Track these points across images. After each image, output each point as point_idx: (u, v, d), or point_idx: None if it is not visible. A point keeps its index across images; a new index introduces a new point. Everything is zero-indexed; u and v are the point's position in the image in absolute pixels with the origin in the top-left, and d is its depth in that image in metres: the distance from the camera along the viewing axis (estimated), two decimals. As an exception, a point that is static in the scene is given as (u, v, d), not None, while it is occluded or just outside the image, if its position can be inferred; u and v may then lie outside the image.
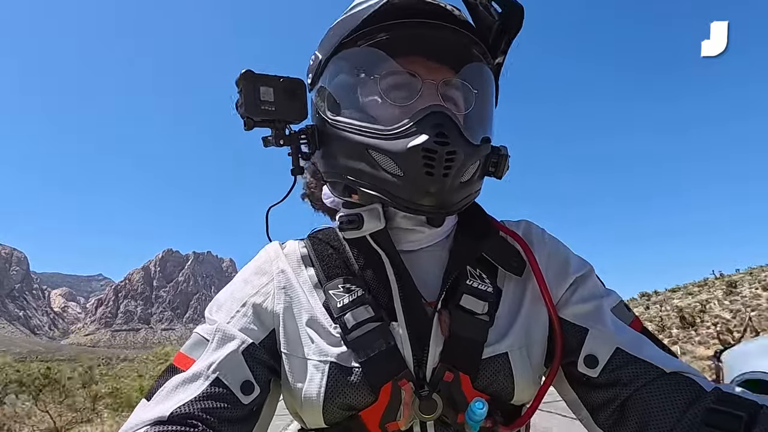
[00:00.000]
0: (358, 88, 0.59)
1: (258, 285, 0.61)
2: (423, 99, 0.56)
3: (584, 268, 0.64)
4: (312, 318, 0.58)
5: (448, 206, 0.56)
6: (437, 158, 0.51)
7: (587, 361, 0.57)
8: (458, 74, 0.58)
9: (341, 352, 0.55)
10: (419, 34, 0.57)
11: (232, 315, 0.59)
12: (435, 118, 0.53)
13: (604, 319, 0.58)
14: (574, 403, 0.60)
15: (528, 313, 0.60)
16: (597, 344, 0.57)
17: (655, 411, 0.52)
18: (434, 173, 0.52)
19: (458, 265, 0.59)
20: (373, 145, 0.54)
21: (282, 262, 0.63)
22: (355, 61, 0.59)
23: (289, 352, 0.57)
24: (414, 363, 0.54)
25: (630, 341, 0.56)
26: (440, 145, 0.51)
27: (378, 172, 0.55)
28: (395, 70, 0.57)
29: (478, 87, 0.60)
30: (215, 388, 0.53)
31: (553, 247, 0.65)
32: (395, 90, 0.57)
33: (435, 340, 0.55)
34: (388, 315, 0.56)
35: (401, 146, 0.53)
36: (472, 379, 0.54)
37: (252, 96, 0.57)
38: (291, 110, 0.59)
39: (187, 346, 0.58)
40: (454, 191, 0.55)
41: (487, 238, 0.62)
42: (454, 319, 0.55)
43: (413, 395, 0.53)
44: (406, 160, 0.53)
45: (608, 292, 0.62)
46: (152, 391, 0.55)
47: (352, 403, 0.53)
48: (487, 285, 0.59)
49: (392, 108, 0.56)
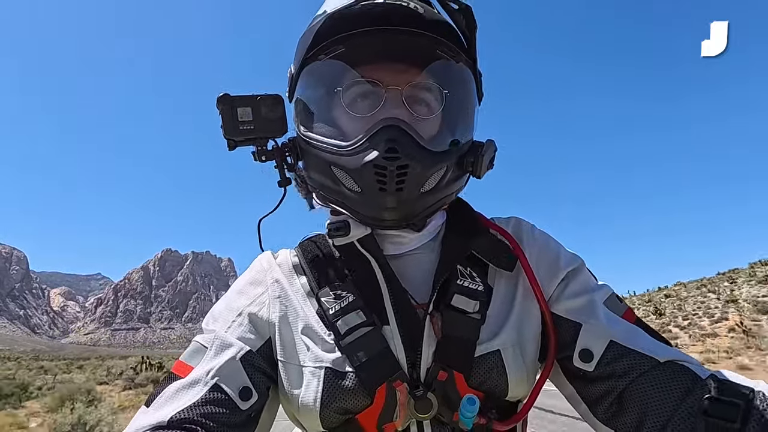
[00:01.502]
0: (323, 103, 0.59)
1: (253, 295, 0.62)
2: (387, 107, 0.56)
3: (575, 263, 0.63)
4: (306, 326, 0.58)
5: (411, 218, 0.57)
6: (388, 174, 0.52)
7: (582, 355, 0.57)
8: (423, 74, 0.57)
9: (336, 358, 0.55)
10: (376, 41, 0.56)
11: (229, 325, 0.59)
12: (386, 133, 0.53)
13: (596, 313, 0.58)
14: (573, 397, 0.61)
15: (520, 310, 0.60)
16: (591, 338, 0.57)
17: (652, 402, 0.52)
18: (387, 189, 0.53)
19: (448, 265, 0.59)
20: (334, 162, 0.55)
21: (276, 272, 0.64)
22: (319, 75, 0.59)
23: (286, 359, 0.58)
24: (408, 364, 0.55)
25: (623, 333, 0.56)
26: (390, 160, 0.51)
27: (340, 188, 0.56)
28: (357, 81, 0.57)
29: (449, 86, 0.59)
30: (214, 394, 0.53)
31: (543, 243, 0.65)
32: (359, 100, 0.57)
33: (427, 341, 0.55)
34: (380, 319, 0.56)
35: (356, 163, 0.53)
36: (465, 377, 0.55)
37: (230, 118, 0.59)
38: (270, 127, 0.60)
39: (186, 354, 0.59)
40: (414, 202, 0.55)
41: (476, 236, 0.63)
42: (445, 319, 0.56)
43: (408, 396, 0.53)
44: (361, 177, 0.54)
45: (600, 285, 0.62)
46: (152, 397, 0.55)
47: (349, 406, 0.54)
48: (477, 283, 0.59)
49: (355, 120, 0.56)
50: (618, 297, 0.62)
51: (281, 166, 0.63)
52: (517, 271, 0.62)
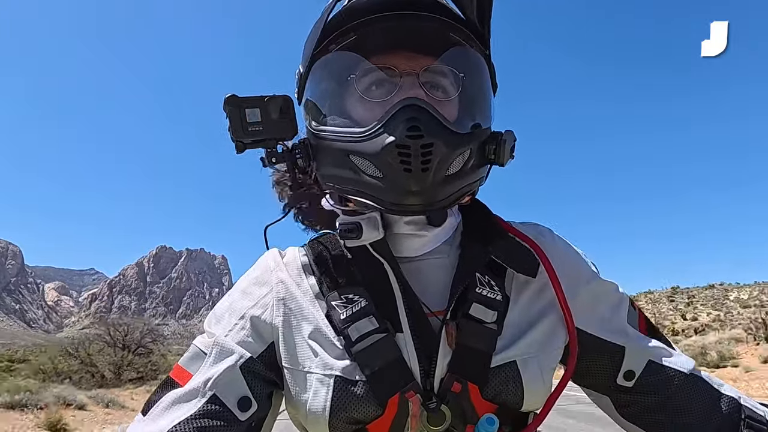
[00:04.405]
0: (336, 94, 0.58)
1: (257, 296, 0.60)
2: (403, 91, 0.54)
3: (597, 275, 0.63)
4: (315, 330, 0.56)
5: (436, 203, 0.54)
6: (413, 153, 0.49)
7: (626, 375, 0.60)
8: (439, 59, 0.56)
9: (346, 365, 0.53)
10: (389, 26, 0.55)
11: (230, 328, 0.58)
12: (407, 112, 0.51)
13: (629, 333, 0.61)
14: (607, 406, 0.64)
15: (539, 319, 0.59)
16: (633, 360, 0.60)
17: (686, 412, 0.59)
18: (412, 169, 0.50)
19: (467, 273, 0.57)
20: (353, 150, 0.53)
21: (282, 272, 0.61)
22: (331, 67, 0.58)
23: (291, 365, 0.56)
24: (421, 374, 0.53)
25: (655, 351, 0.61)
26: (413, 138, 0.49)
27: (361, 177, 0.54)
28: (370, 68, 0.55)
29: (465, 71, 0.57)
30: (211, 406, 0.52)
31: (564, 251, 0.64)
32: (374, 88, 0.56)
33: (443, 350, 0.54)
34: (392, 326, 0.54)
35: (376, 146, 0.51)
36: (480, 389, 0.53)
37: (239, 120, 0.57)
38: (280, 128, 0.58)
39: (185, 359, 0.57)
40: (439, 186, 0.52)
41: (495, 240, 0.61)
42: (462, 328, 0.54)
43: (421, 407, 0.52)
44: (382, 161, 0.51)
45: (621, 298, 0.63)
46: (148, 405, 0.54)
47: (359, 416, 0.52)
48: (496, 292, 0.57)
49: (372, 106, 0.55)
50: (632, 303, 0.63)
51: (292, 170, 0.61)
52: (538, 277, 0.60)
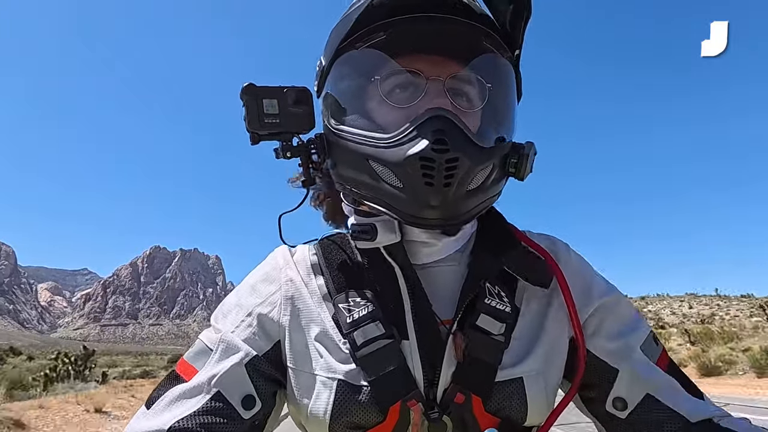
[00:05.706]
0: (359, 93, 0.56)
1: (265, 294, 0.59)
2: (428, 97, 0.52)
3: (611, 294, 0.61)
4: (321, 332, 0.56)
5: (455, 218, 0.53)
6: (436, 167, 0.48)
7: (615, 403, 0.56)
8: (467, 67, 0.54)
9: (350, 370, 0.53)
10: (420, 28, 0.53)
11: (237, 324, 0.57)
12: (434, 123, 0.49)
13: (633, 359, 0.57)
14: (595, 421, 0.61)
15: (548, 335, 0.57)
16: (626, 388, 0.56)
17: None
18: (434, 183, 0.49)
19: (476, 282, 0.56)
20: (373, 155, 0.52)
21: (291, 270, 0.61)
22: (355, 64, 0.56)
23: (296, 366, 0.56)
24: (425, 383, 0.52)
25: (659, 386, 0.55)
26: (439, 152, 0.48)
27: (379, 184, 0.52)
28: (396, 70, 0.53)
29: (492, 80, 0.55)
30: (215, 403, 0.52)
31: (577, 265, 0.63)
32: (398, 91, 0.54)
33: (448, 360, 0.53)
34: (399, 332, 0.54)
35: (399, 156, 0.50)
36: (484, 401, 0.53)
37: (255, 110, 0.56)
38: (297, 121, 0.57)
39: (191, 354, 0.57)
40: (460, 201, 0.51)
41: (508, 250, 0.59)
42: (468, 339, 0.53)
43: (422, 416, 0.51)
44: (404, 171, 0.50)
45: (638, 322, 0.60)
46: (152, 399, 0.54)
47: (360, 422, 0.52)
48: (505, 304, 0.56)
49: (395, 111, 0.53)
50: (655, 337, 0.59)
51: (306, 165, 0.59)
52: (550, 289, 0.59)
